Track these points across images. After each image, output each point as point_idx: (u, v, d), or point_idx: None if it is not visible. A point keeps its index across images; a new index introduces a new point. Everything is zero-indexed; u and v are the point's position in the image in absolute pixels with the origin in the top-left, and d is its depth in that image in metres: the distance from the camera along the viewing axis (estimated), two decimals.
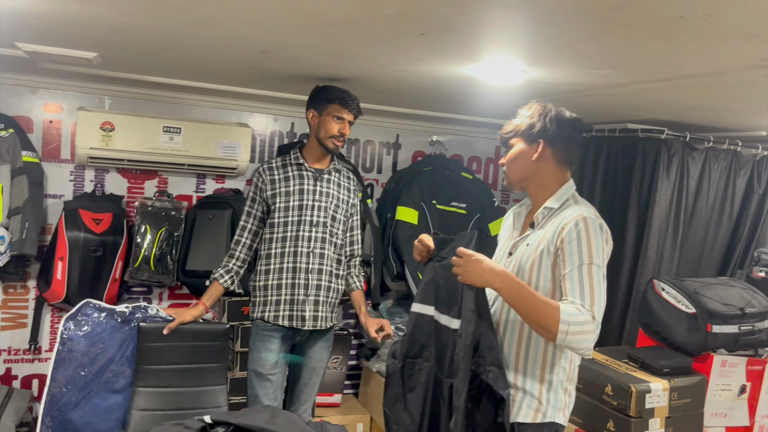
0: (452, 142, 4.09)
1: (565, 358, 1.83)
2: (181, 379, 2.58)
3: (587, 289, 1.69)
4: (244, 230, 2.68)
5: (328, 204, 2.65)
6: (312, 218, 2.61)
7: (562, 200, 1.88)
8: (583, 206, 1.84)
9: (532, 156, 1.89)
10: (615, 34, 1.68)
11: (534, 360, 1.83)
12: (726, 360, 2.82)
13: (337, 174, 2.71)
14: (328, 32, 1.88)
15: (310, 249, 2.60)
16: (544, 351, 1.82)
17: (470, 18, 1.62)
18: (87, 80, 3.13)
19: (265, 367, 2.60)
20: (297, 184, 2.62)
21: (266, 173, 2.65)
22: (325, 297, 2.65)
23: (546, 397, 1.82)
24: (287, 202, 2.60)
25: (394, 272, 3.55)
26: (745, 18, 1.47)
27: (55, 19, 1.92)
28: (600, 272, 1.73)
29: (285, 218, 2.60)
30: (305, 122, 3.64)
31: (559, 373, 1.83)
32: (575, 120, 1.92)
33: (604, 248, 1.76)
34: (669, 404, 2.60)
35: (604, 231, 1.78)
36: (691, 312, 2.79)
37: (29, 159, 3.08)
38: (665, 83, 2.26)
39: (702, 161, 3.38)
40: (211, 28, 1.93)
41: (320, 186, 2.64)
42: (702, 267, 3.49)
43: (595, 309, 1.67)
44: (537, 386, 1.82)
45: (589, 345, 1.67)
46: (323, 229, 2.63)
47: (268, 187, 2.63)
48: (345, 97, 2.57)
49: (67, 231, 3.08)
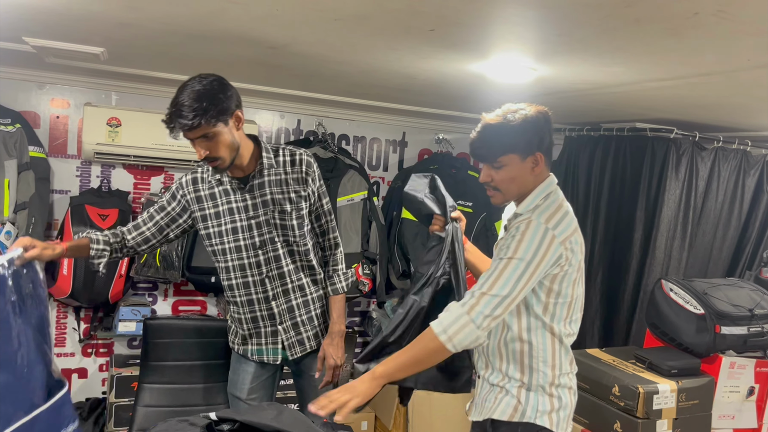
0: (459, 140, 4.07)
1: (544, 363, 1.77)
2: (186, 375, 2.58)
3: (493, 275, 1.66)
4: (151, 220, 2.18)
5: (269, 215, 2.14)
6: (253, 240, 2.15)
7: (534, 204, 1.77)
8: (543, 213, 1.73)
9: (530, 170, 1.78)
10: (627, 31, 1.66)
11: (513, 363, 1.80)
12: (734, 361, 2.79)
13: (270, 170, 2.14)
14: (337, 27, 1.86)
15: (263, 276, 2.18)
16: (521, 356, 1.78)
17: (481, 14, 1.60)
18: (94, 76, 3.13)
19: (242, 392, 2.30)
20: (224, 203, 2.14)
21: (189, 186, 2.17)
22: (306, 313, 2.27)
23: (525, 397, 1.78)
24: (219, 225, 2.15)
25: (399, 270, 3.55)
26: (760, 15, 1.45)
27: (63, 13, 1.91)
28: (519, 265, 1.65)
29: (221, 245, 2.17)
30: (312, 119, 3.63)
31: (539, 378, 1.78)
32: (547, 114, 1.80)
33: (539, 248, 1.66)
34: (677, 405, 2.58)
35: (546, 235, 1.68)
36: (700, 313, 2.77)
37: (36, 154, 3.08)
38: (676, 81, 2.24)
39: (711, 161, 3.36)
40: (217, 23, 1.91)
41: (251, 198, 2.13)
42: (710, 267, 3.46)
43: (487, 288, 1.64)
44: (515, 387, 1.79)
45: (477, 334, 1.63)
46: (273, 246, 2.16)
47: (195, 206, 2.17)
48: (170, 123, 1.92)
49: (74, 226, 3.08)
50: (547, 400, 1.78)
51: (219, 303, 3.63)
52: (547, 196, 1.79)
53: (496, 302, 1.64)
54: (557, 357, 1.79)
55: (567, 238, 1.72)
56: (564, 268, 1.72)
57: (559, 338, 1.78)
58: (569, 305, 1.78)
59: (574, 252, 1.74)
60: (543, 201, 1.78)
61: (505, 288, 1.65)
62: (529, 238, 1.68)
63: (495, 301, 1.64)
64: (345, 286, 2.34)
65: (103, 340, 3.45)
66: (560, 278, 1.74)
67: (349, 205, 3.51)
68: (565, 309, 1.77)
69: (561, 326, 1.78)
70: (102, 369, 3.47)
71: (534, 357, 1.78)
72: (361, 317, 4.01)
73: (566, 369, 1.82)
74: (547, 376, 1.78)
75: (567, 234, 1.73)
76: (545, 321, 1.76)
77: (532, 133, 1.76)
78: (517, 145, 1.75)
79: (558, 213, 1.75)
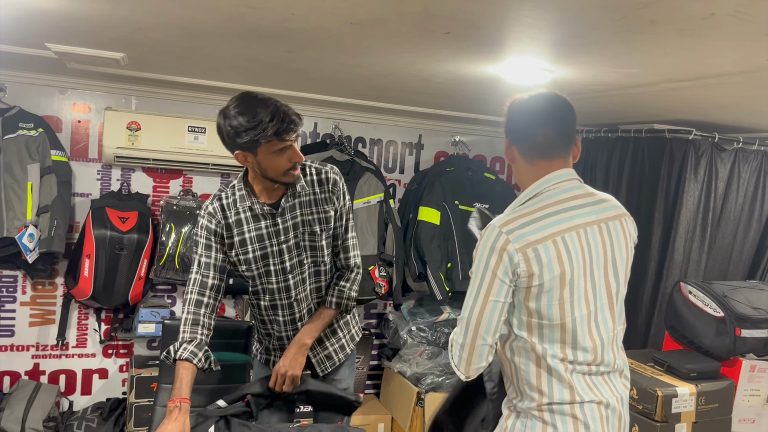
0: (475, 142, 4.07)
1: (529, 387, 1.56)
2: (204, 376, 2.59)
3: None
4: (205, 287, 2.02)
5: (299, 237, 2.06)
6: (284, 265, 2.06)
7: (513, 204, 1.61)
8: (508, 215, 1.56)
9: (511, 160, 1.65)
10: (643, 32, 1.65)
11: (509, 384, 1.67)
12: (755, 365, 2.76)
13: (300, 190, 2.03)
14: (353, 31, 1.88)
15: (291, 299, 2.11)
16: (511, 376, 1.63)
17: (496, 16, 1.61)
18: (114, 81, 3.18)
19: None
20: (253, 229, 2.03)
21: (219, 214, 2.03)
22: (329, 328, 2.22)
23: (513, 423, 1.61)
24: (246, 253, 2.04)
25: (416, 272, 3.55)
26: None
27: (84, 19, 1.95)
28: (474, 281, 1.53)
29: (250, 272, 2.08)
30: (329, 122, 3.64)
31: (526, 400, 1.58)
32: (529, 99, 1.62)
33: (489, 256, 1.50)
34: (696, 409, 2.55)
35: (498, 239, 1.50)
36: (720, 316, 2.74)
37: (58, 158, 3.14)
38: (694, 82, 2.22)
39: (731, 162, 3.32)
40: (235, 28, 1.94)
41: (282, 222, 2.03)
42: (730, 270, 3.42)
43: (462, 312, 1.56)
44: (507, 408, 1.67)
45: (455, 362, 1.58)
46: (301, 270, 2.09)
47: (225, 233, 2.04)
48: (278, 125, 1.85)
49: (94, 229, 3.13)
50: (539, 427, 1.55)
51: (237, 305, 3.66)
52: (534, 197, 1.57)
53: (463, 327, 1.54)
54: (544, 383, 1.54)
55: (530, 243, 1.48)
56: (532, 282, 1.48)
57: (546, 364, 1.53)
58: (561, 329, 1.52)
59: (544, 264, 1.48)
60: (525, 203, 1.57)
61: (465, 310, 1.54)
62: (481, 247, 1.52)
63: (462, 326, 1.55)
64: (335, 303, 2.16)
65: (123, 341, 3.50)
66: (534, 295, 1.50)
67: (366, 208, 3.52)
68: (556, 332, 1.52)
69: (554, 350, 1.53)
70: (122, 370, 3.52)
71: (520, 379, 1.59)
72: (377, 319, 4.02)
73: (561, 398, 1.54)
74: (534, 400, 1.56)
75: (529, 240, 1.48)
76: (529, 342, 1.54)
77: (506, 117, 1.65)
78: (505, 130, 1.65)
79: (527, 216, 1.52)
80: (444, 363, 3.48)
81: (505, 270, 1.48)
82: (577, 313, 1.52)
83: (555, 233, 1.50)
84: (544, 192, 1.56)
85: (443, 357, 3.52)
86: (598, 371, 1.57)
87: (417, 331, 3.58)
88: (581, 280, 1.52)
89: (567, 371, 1.53)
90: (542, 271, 1.48)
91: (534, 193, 1.57)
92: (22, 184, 3.04)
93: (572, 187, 1.59)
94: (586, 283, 1.53)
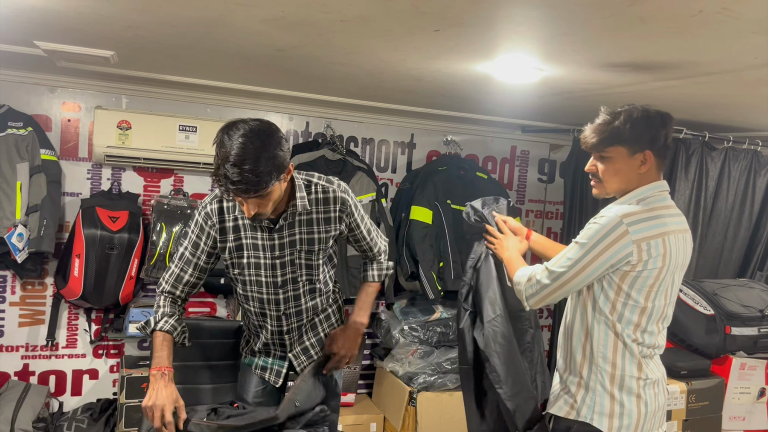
0: (467, 141, 4.08)
1: (603, 359, 1.79)
2: (195, 376, 2.59)
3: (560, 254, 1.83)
4: (189, 264, 2.02)
5: (295, 255, 2.02)
6: (275, 279, 2.03)
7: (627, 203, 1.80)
8: (626, 209, 1.76)
9: (637, 167, 1.78)
10: (632, 30, 1.66)
11: (577, 358, 1.84)
12: (745, 362, 2.78)
13: (302, 210, 1.97)
14: (342, 29, 1.88)
15: (280, 312, 2.10)
16: (583, 350, 1.83)
17: (485, 14, 1.61)
18: (104, 79, 3.16)
19: (248, 395, 2.24)
20: (249, 237, 1.99)
21: (215, 217, 1.99)
22: (314, 336, 2.22)
23: (582, 396, 1.82)
24: (240, 258, 2.02)
25: (408, 272, 3.55)
26: (765, 13, 1.45)
27: (73, 17, 1.94)
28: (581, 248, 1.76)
29: (242, 276, 2.06)
30: (321, 121, 3.65)
31: (598, 374, 1.80)
32: (666, 116, 1.80)
33: (605, 237, 1.72)
34: (686, 407, 2.57)
35: (618, 227, 1.71)
36: (710, 314, 2.75)
37: (47, 157, 3.12)
38: (683, 81, 2.23)
39: (721, 161, 3.34)
40: (225, 25, 1.93)
41: (278, 238, 1.99)
42: (721, 268, 3.44)
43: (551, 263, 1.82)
44: (575, 384, 1.84)
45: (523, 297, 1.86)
46: (294, 286, 2.07)
47: (218, 237, 2.00)
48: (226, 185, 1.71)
49: (84, 229, 3.11)
50: (607, 402, 1.78)
51: (228, 304, 3.65)
52: (644, 199, 1.78)
53: (553, 277, 1.77)
54: (618, 356, 1.78)
55: (645, 238, 1.70)
56: (636, 268, 1.71)
57: (623, 341, 1.78)
58: (641, 312, 1.76)
59: (652, 256, 1.71)
60: (637, 203, 1.77)
61: (563, 266, 1.76)
62: (598, 227, 1.72)
63: (551, 276, 1.77)
64: (376, 276, 2.29)
65: (114, 342, 3.48)
66: (631, 279, 1.73)
67: None
68: (635, 314, 1.76)
69: (629, 331, 1.77)
70: (113, 370, 3.50)
71: (594, 351, 1.80)
72: (369, 319, 4.01)
73: (632, 372, 1.79)
74: (607, 373, 1.78)
75: (646, 234, 1.71)
76: (610, 319, 1.77)
77: (644, 129, 1.76)
78: (626, 139, 1.76)
79: (644, 214, 1.74)
80: (436, 362, 3.48)
81: (613, 254, 1.70)
82: (657, 302, 1.78)
83: (664, 233, 1.74)
84: (651, 197, 1.79)
85: (435, 356, 3.51)
86: (654, 353, 1.85)
87: (409, 331, 3.57)
88: (668, 276, 1.77)
89: (637, 350, 1.79)
90: (647, 262, 1.72)
91: (647, 195, 1.79)
92: (11, 183, 3.02)
93: (667, 197, 1.85)
94: (670, 280, 1.79)
